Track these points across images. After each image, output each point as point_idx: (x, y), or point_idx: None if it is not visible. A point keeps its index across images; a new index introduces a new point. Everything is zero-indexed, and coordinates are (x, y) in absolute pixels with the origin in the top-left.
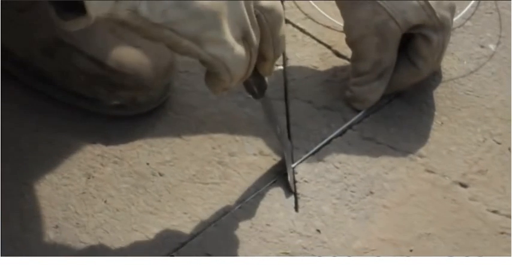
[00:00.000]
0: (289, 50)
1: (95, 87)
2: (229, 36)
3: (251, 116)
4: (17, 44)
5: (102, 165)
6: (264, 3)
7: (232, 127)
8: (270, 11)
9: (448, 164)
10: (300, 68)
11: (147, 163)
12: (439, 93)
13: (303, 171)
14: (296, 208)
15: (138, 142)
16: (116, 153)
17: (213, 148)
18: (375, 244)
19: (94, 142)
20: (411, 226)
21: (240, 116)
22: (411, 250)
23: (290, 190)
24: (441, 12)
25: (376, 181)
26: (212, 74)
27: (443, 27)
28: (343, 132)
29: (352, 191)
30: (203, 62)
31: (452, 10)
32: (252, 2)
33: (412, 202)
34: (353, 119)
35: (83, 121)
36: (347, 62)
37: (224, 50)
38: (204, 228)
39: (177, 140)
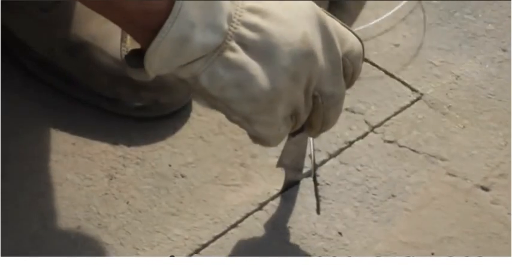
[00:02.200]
0: None
1: (117, 88)
2: (279, 118)
3: None
4: (40, 42)
5: (124, 166)
6: (326, 89)
7: None
8: (328, 97)
9: (469, 167)
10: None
11: (169, 165)
12: (461, 97)
13: (324, 173)
14: (318, 210)
15: (160, 144)
16: (138, 154)
17: (235, 150)
18: (396, 247)
19: (116, 143)
20: (433, 229)
21: None
22: (433, 254)
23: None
24: None
25: (397, 184)
26: (252, 136)
27: None
28: (365, 134)
29: (373, 194)
30: (247, 131)
31: None
32: (313, 85)
33: (433, 206)
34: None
35: (105, 122)
36: (369, 65)
37: (270, 131)
38: (225, 229)
39: (199, 142)
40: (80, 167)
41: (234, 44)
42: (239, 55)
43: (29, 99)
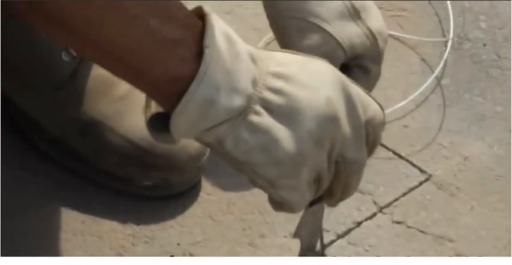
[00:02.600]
0: None
1: (127, 167)
2: (303, 183)
3: None
4: (51, 121)
5: (133, 244)
6: (348, 155)
7: (263, 208)
8: (351, 163)
9: (477, 249)
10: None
11: (178, 244)
12: (469, 178)
13: (333, 254)
14: None
15: (169, 223)
16: (146, 233)
17: (244, 229)
18: None
19: (125, 222)
20: None
21: None
22: None
23: None
24: (381, 43)
25: None
26: (275, 202)
27: (380, 59)
28: (374, 215)
29: None
30: (270, 197)
31: (386, 42)
32: (336, 150)
33: None
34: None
35: (114, 200)
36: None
37: (294, 196)
38: None
39: (208, 221)
40: (89, 246)
41: (258, 107)
42: (264, 119)
43: (39, 177)
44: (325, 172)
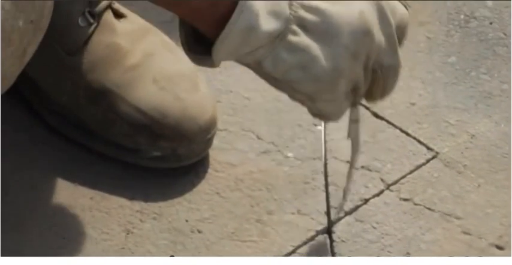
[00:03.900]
0: None
1: (136, 136)
2: (340, 95)
3: (289, 175)
4: (61, 89)
5: (141, 221)
6: (384, 62)
7: (270, 185)
8: (388, 68)
9: (484, 226)
10: (339, 128)
11: (186, 220)
12: (476, 156)
13: (340, 230)
14: None
15: (177, 199)
16: (154, 209)
17: (252, 206)
18: None
19: (133, 198)
20: None
21: (278, 174)
22: None
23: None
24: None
25: (413, 242)
26: (313, 113)
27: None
28: (381, 192)
29: (389, 251)
30: (308, 109)
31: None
32: (372, 60)
33: None
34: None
35: (123, 177)
36: (385, 123)
37: (332, 107)
38: None
39: (216, 198)
40: (97, 222)
41: (295, 27)
42: (301, 38)
43: (47, 152)
44: (362, 82)
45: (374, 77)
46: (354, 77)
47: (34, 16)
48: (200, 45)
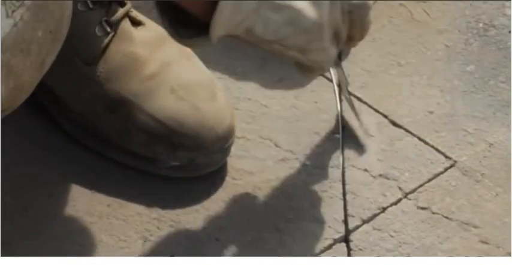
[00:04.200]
0: (345, 118)
1: (154, 146)
2: (328, 41)
3: (307, 183)
4: (79, 99)
5: (158, 228)
6: (355, 2)
7: (288, 193)
8: (361, 7)
9: (502, 235)
10: (357, 137)
11: (203, 228)
12: (494, 165)
13: (358, 239)
14: None
15: (194, 207)
16: (172, 217)
17: (269, 214)
18: None
19: (151, 206)
20: None
21: (296, 182)
22: None
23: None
24: None
25: (430, 251)
26: (305, 69)
27: None
28: (399, 201)
29: None
30: (300, 63)
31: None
32: (346, 2)
33: None
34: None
35: (141, 184)
36: (403, 131)
37: (323, 55)
38: None
39: (234, 206)
40: (115, 229)
41: None
42: None
43: (65, 160)
44: (341, 25)
45: (351, 18)
46: (334, 22)
47: (53, 26)
48: (187, 30)
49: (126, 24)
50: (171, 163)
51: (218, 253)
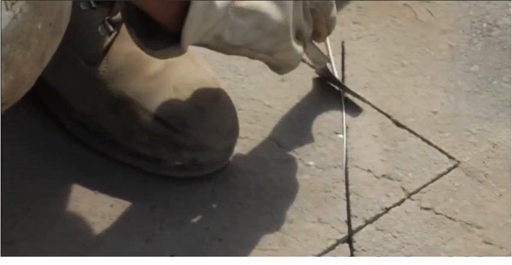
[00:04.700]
0: (348, 118)
1: (157, 146)
2: (293, 41)
3: (310, 183)
4: (82, 98)
5: (161, 229)
6: (318, 1)
7: (291, 194)
8: (323, 4)
9: (505, 236)
10: (360, 137)
11: (206, 228)
12: (498, 165)
13: (361, 239)
14: None
15: (197, 207)
16: (175, 217)
17: (272, 214)
18: None
19: (154, 206)
20: None
21: (299, 182)
22: None
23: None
24: None
25: (433, 251)
26: (273, 67)
27: None
28: (402, 201)
29: None
30: (269, 64)
31: None
32: (308, 1)
33: None
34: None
35: (143, 184)
36: (407, 132)
37: (289, 54)
38: None
39: (236, 206)
40: (117, 229)
41: None
42: (249, 1)
43: (68, 160)
44: (304, 24)
45: (315, 16)
46: (297, 21)
47: (53, 19)
48: (155, 41)
49: None
50: (174, 163)
51: (221, 253)
